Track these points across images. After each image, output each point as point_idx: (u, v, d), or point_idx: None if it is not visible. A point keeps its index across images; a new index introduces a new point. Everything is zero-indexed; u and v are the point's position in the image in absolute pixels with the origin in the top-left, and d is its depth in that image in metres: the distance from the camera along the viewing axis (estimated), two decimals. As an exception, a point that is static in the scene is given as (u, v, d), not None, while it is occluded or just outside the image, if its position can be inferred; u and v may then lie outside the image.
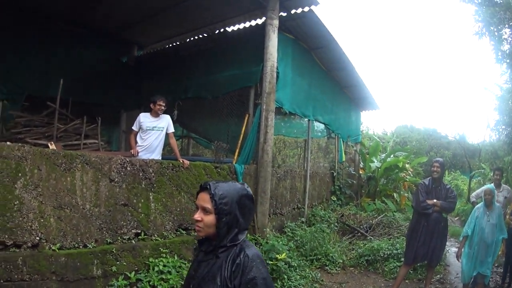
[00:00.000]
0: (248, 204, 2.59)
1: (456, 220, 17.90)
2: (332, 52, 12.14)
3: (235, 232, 2.51)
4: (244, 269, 2.39)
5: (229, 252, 2.49)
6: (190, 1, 10.50)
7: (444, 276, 9.21)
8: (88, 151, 8.81)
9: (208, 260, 2.56)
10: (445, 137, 33.19)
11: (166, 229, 7.20)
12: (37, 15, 12.14)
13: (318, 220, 11.44)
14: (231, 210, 2.48)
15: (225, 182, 2.60)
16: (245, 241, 2.56)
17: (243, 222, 2.55)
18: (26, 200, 5.26)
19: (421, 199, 7.80)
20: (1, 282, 4.85)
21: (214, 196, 2.46)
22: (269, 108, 9.29)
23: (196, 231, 2.56)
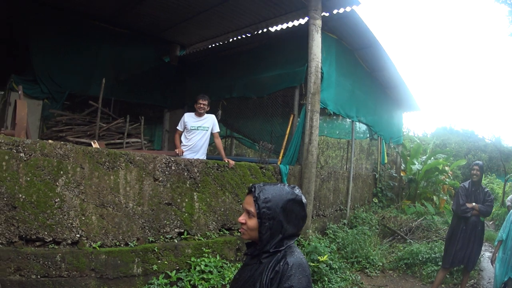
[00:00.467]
0: (296, 209, 2.35)
1: (491, 224, 17.13)
2: (375, 52, 11.73)
3: (279, 238, 2.32)
4: (281, 277, 2.20)
5: (272, 258, 2.31)
6: (231, 2, 10.34)
7: (477, 281, 8.75)
8: (131, 150, 8.60)
9: (252, 264, 2.41)
10: (482, 140, 32.51)
11: (209, 229, 6.96)
12: (79, 16, 12.15)
13: (359, 222, 11.06)
14: (274, 215, 2.29)
15: (273, 185, 2.41)
16: (290, 247, 2.35)
17: (289, 228, 2.34)
18: (67, 197, 5.16)
19: (461, 202, 7.49)
20: (39, 278, 4.81)
21: (257, 200, 2.31)
22: (314, 108, 8.95)
23: (241, 233, 2.44)
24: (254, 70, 11.02)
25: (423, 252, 9.22)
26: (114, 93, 12.44)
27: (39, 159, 4.95)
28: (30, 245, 4.90)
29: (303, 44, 9.18)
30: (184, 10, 11.27)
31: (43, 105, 11.14)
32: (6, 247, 4.68)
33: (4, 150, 4.72)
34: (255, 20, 11.42)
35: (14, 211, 4.75)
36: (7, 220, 4.71)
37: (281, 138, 9.46)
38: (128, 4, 11.24)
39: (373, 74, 13.27)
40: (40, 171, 4.94)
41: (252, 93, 10.64)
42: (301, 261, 2.29)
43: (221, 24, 12.17)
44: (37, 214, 4.90)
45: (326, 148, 15.34)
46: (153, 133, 15.66)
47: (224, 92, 11.47)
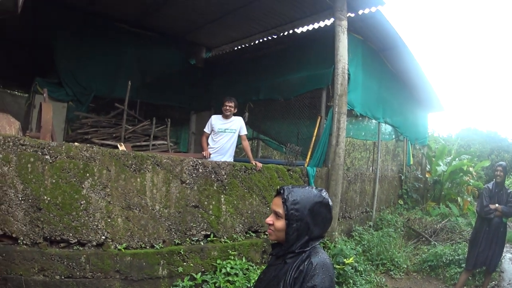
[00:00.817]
0: (322, 212, 2.39)
1: (512, 225, 16.68)
2: (400, 53, 11.46)
3: (305, 239, 2.35)
4: (305, 276, 2.23)
5: (296, 258, 2.34)
6: (256, 3, 10.20)
7: (498, 283, 8.50)
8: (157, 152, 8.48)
9: (277, 264, 2.44)
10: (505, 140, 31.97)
11: (236, 231, 6.78)
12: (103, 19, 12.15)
13: (385, 224, 10.83)
14: (302, 217, 2.33)
15: (302, 187, 2.44)
16: (315, 247, 2.38)
17: (315, 230, 2.37)
18: (93, 199, 5.07)
19: (485, 204, 7.37)
20: (63, 279, 4.76)
21: (286, 201, 2.35)
22: (341, 110, 8.74)
23: (268, 234, 2.50)
24: (280, 72, 10.84)
25: (447, 254, 8.99)
26: (140, 95, 12.38)
27: (65, 162, 4.85)
28: (55, 246, 4.85)
29: (329, 46, 9.00)
30: (209, 11, 11.16)
31: (68, 108, 11.14)
32: (31, 248, 4.63)
33: (30, 152, 4.66)
34: (281, 22, 11.26)
35: (39, 212, 4.67)
36: (32, 222, 4.65)
37: (308, 140, 9.26)
38: (152, 7, 11.16)
39: (398, 74, 12.95)
40: (66, 173, 4.84)
41: (278, 95, 10.47)
42: (325, 261, 2.32)
43: (247, 26, 12.02)
44: (62, 216, 4.81)
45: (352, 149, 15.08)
46: (179, 135, 15.55)
47: (251, 94, 11.30)
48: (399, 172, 13.93)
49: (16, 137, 4.66)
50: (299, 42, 10.93)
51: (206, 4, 10.61)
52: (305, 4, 9.90)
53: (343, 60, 8.77)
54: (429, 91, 14.53)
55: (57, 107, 10.58)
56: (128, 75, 11.19)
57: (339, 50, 8.76)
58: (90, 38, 11.71)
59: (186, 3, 10.64)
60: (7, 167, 4.53)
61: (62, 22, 11.35)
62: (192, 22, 12.23)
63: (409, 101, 14.31)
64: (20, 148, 4.61)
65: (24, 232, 4.62)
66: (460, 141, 26.71)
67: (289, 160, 8.38)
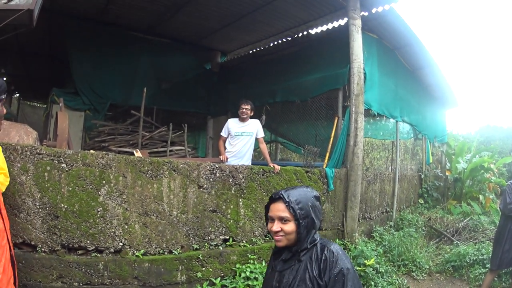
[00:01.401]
0: (317, 205, 2.58)
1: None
2: (415, 50, 11.31)
3: (313, 233, 2.52)
4: (331, 264, 2.37)
5: (311, 252, 2.48)
6: (269, 6, 10.18)
7: None
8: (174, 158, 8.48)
9: (290, 267, 2.51)
10: (527, 135, 31.50)
11: (255, 235, 6.70)
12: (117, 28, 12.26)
13: (406, 224, 10.65)
14: (307, 214, 2.47)
15: (295, 188, 2.59)
16: (321, 238, 2.57)
17: (317, 222, 2.55)
18: (110, 206, 5.07)
19: (508, 201, 6.97)
20: (81, 285, 4.80)
21: (290, 204, 2.45)
22: (358, 110, 8.63)
23: (276, 241, 2.52)
24: (296, 73, 10.78)
25: (470, 253, 8.72)
26: (156, 102, 12.47)
27: (81, 169, 4.86)
28: (73, 254, 4.88)
29: (344, 45, 8.92)
30: (223, 16, 11.17)
31: (85, 117, 11.28)
32: (49, 255, 4.67)
33: (46, 161, 4.69)
34: (295, 24, 11.25)
35: (56, 220, 4.71)
36: (50, 229, 4.69)
37: (326, 141, 9.20)
38: (166, 14, 11.22)
39: (415, 72, 12.83)
40: (82, 181, 4.85)
41: (295, 97, 10.43)
42: (339, 246, 2.50)
43: (261, 29, 12.01)
44: (80, 223, 4.82)
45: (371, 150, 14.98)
46: (197, 140, 15.64)
47: (267, 97, 11.29)
48: (419, 171, 13.77)
49: (33, 146, 4.70)
50: (313, 43, 10.88)
51: (219, 9, 10.62)
52: (318, 5, 9.85)
53: (358, 60, 8.68)
54: (445, 88, 14.40)
55: (74, 116, 10.75)
56: (144, 82, 11.32)
57: (354, 50, 8.68)
58: (104, 47, 11.86)
59: (200, 9, 10.67)
60: (25, 176, 4.57)
61: (76, 33, 11.51)
62: (206, 27, 12.25)
63: (426, 98, 14.18)
64: (37, 157, 4.65)
65: (42, 239, 4.65)
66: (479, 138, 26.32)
67: (308, 162, 8.31)
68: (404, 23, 9.81)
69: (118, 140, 9.90)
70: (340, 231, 8.49)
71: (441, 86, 14.12)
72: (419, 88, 13.42)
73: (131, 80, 12.27)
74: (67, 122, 6.29)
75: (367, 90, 9.19)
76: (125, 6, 10.70)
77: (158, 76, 13.06)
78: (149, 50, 12.98)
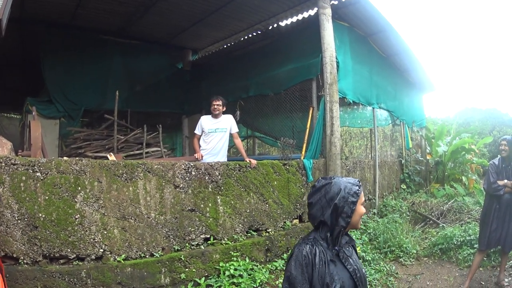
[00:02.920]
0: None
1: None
2: (388, 36, 11.44)
3: None
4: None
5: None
6: (237, 1, 10.27)
7: None
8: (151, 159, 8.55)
9: (349, 251, 2.68)
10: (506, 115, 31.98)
11: (236, 231, 6.81)
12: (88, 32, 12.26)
13: (389, 210, 10.82)
14: None
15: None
16: None
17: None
18: (87, 213, 5.11)
19: (492, 180, 7.09)
20: None
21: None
22: (332, 99, 8.76)
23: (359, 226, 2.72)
24: (268, 67, 10.89)
25: (457, 235, 8.87)
26: (130, 105, 12.49)
27: (56, 177, 4.90)
28: (55, 263, 4.90)
29: (315, 35, 9.04)
30: (192, 14, 11.22)
31: (60, 124, 11.27)
32: (32, 267, 4.68)
33: (21, 171, 4.73)
34: (265, 17, 11.30)
35: (35, 230, 4.74)
36: (30, 240, 4.71)
37: (303, 133, 9.28)
38: (135, 15, 11.24)
39: (389, 58, 12.98)
40: (58, 189, 4.90)
41: (268, 90, 10.54)
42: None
43: (231, 24, 12.08)
44: (59, 232, 4.86)
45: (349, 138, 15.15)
46: (174, 140, 15.75)
47: (241, 92, 11.39)
48: (399, 156, 13.96)
49: (8, 157, 4.73)
50: (284, 35, 10.99)
51: (188, 6, 10.67)
52: (287, -5, 9.90)
53: (330, 49, 8.80)
54: (421, 73, 14.58)
55: (49, 124, 10.81)
56: (117, 85, 11.29)
57: (325, 39, 8.80)
58: (76, 53, 11.84)
59: (168, 8, 10.72)
60: (2, 188, 4.61)
61: (48, 40, 11.51)
62: (176, 26, 12.32)
63: (403, 84, 14.34)
64: (12, 167, 4.68)
65: (24, 251, 4.68)
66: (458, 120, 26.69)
67: (285, 154, 8.41)
68: (375, 10, 9.92)
69: (94, 146, 9.94)
70: (324, 222, 8.55)
71: (417, 71, 14.31)
72: (395, 74, 13.59)
73: (104, 84, 12.29)
74: (40, 130, 6.32)
75: (341, 79, 9.33)
76: (94, 9, 10.71)
77: (131, 79, 13.09)
78: (121, 53, 13.02)
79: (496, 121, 30.82)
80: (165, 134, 10.76)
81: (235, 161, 7.45)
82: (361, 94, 10.64)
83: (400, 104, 13.72)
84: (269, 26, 11.59)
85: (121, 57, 13.00)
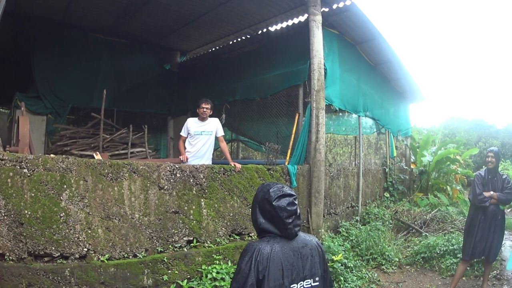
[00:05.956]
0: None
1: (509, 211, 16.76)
2: (377, 45, 11.60)
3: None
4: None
5: None
6: (228, 4, 10.36)
7: (500, 272, 8.47)
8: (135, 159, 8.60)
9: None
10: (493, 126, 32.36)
11: (219, 235, 6.91)
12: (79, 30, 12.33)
13: (372, 218, 10.95)
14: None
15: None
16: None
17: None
18: (72, 211, 5.15)
19: (478, 192, 7.23)
20: None
21: None
22: (319, 106, 8.88)
23: None
24: (256, 71, 10.99)
25: (440, 244, 9.04)
26: (117, 104, 12.58)
27: (42, 174, 4.95)
28: (39, 261, 4.91)
29: (305, 42, 9.14)
30: (182, 15, 11.32)
31: (47, 121, 11.29)
32: (17, 264, 4.71)
33: (9, 167, 4.75)
34: (255, 21, 11.41)
35: (21, 227, 4.76)
36: (16, 237, 4.74)
37: (288, 138, 9.41)
38: (127, 14, 11.33)
39: (377, 67, 13.17)
40: (44, 186, 4.94)
41: (255, 94, 10.61)
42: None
43: (220, 27, 12.18)
44: (44, 230, 4.90)
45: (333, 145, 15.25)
46: (159, 141, 15.83)
47: (227, 95, 11.45)
48: (383, 164, 14.11)
49: (-4, 153, 4.72)
50: (273, 41, 11.14)
51: (179, 8, 10.76)
52: (278, 1, 10.02)
53: (319, 55, 8.90)
54: (409, 82, 14.79)
55: (36, 120, 10.86)
56: (105, 84, 11.35)
57: (314, 46, 8.90)
58: (66, 50, 11.93)
59: (159, 8, 10.81)
60: (-11, 183, 4.62)
61: (39, 36, 11.60)
62: (165, 27, 12.42)
63: (390, 93, 14.53)
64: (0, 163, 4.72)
65: (10, 247, 4.70)
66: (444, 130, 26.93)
67: (269, 159, 8.52)
68: (365, 18, 10.04)
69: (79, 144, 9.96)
70: (306, 227, 8.71)
71: (405, 80, 14.52)
72: (382, 83, 13.79)
73: (93, 82, 12.35)
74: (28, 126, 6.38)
75: (328, 86, 9.46)
76: (85, 7, 10.81)
77: (119, 78, 13.18)
78: (110, 52, 13.11)
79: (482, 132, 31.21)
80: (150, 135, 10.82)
81: (220, 164, 7.52)
82: (347, 101, 10.75)
83: (386, 112, 13.90)
84: (258, 30, 11.71)
85: (110, 56, 13.10)
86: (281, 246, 2.69)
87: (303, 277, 2.72)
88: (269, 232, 2.75)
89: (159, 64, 14.97)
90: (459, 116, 35.79)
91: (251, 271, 2.56)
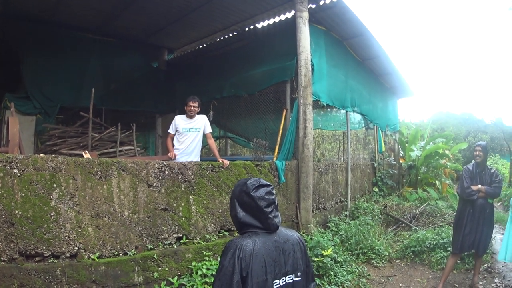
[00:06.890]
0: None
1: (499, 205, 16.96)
2: (365, 40, 11.70)
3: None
4: None
5: None
6: (215, 1, 10.41)
7: (491, 265, 8.65)
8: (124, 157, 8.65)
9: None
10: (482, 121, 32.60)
11: (208, 231, 6.97)
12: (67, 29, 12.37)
13: (361, 212, 11.02)
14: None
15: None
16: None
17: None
18: (62, 210, 5.18)
19: (466, 185, 7.36)
20: None
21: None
22: (306, 101, 8.96)
23: None
24: (243, 68, 11.06)
25: (430, 238, 9.18)
26: (105, 103, 12.60)
27: (32, 174, 4.97)
28: (30, 261, 4.92)
29: (292, 38, 9.18)
30: (169, 13, 11.35)
31: (36, 121, 11.33)
32: (8, 264, 4.73)
33: None
34: (242, 18, 11.46)
35: (12, 227, 4.77)
36: (7, 237, 4.75)
37: (276, 134, 9.48)
38: (114, 13, 11.39)
39: (365, 62, 13.31)
40: (34, 186, 4.97)
41: (242, 91, 10.68)
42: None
43: (207, 25, 12.24)
44: (34, 229, 4.92)
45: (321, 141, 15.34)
46: (147, 139, 15.89)
47: (215, 92, 11.50)
48: (372, 160, 14.23)
49: (-14, 154, 4.74)
50: (260, 37, 11.20)
51: (166, 5, 10.79)
52: (265, -2, 10.05)
53: (306, 52, 8.96)
54: (397, 77, 14.95)
55: (26, 120, 10.88)
56: (93, 83, 11.35)
57: (301, 42, 8.96)
58: (54, 50, 11.96)
59: (146, 6, 10.83)
60: (-20, 184, 4.66)
61: (28, 36, 11.61)
62: (153, 24, 12.47)
63: (378, 88, 14.68)
64: (-10, 164, 4.72)
65: (1, 248, 4.72)
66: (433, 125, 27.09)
67: (257, 155, 8.57)
68: (352, 14, 10.12)
69: (68, 143, 9.97)
70: (295, 223, 8.81)
71: (393, 75, 14.69)
72: (370, 78, 13.93)
73: (81, 81, 12.39)
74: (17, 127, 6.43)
75: (316, 82, 9.54)
76: (73, 6, 10.83)
77: (107, 77, 13.20)
78: (98, 51, 13.16)
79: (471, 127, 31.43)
80: (138, 133, 10.86)
81: (208, 161, 7.58)
82: (335, 97, 10.84)
83: (374, 108, 14.02)
84: (245, 27, 11.77)
85: (98, 55, 13.14)
86: (263, 242, 2.69)
87: (285, 273, 2.72)
88: (250, 226, 2.75)
89: (147, 62, 15.03)
90: (447, 111, 36.01)
91: (235, 268, 2.53)
